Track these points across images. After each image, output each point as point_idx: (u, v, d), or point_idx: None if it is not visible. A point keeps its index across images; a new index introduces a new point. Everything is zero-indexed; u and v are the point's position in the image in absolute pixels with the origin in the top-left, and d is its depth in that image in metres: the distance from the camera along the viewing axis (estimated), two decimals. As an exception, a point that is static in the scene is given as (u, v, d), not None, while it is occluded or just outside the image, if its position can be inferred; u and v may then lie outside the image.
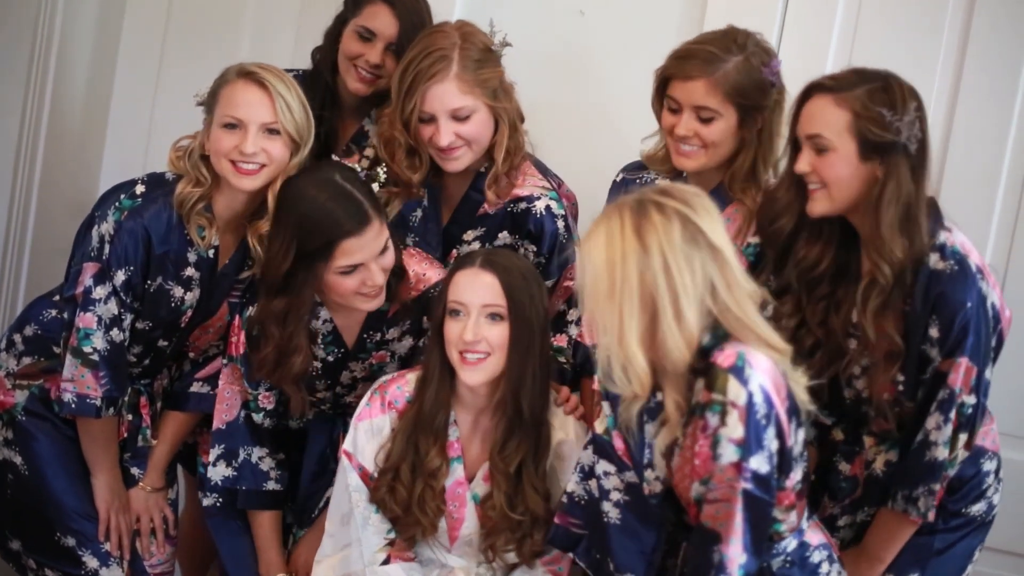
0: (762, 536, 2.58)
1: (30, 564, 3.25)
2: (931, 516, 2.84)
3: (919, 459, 2.83)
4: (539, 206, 3.19)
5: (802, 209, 2.90)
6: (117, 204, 3.10)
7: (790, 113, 2.90)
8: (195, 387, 3.28)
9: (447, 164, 3.18)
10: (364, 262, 3.00)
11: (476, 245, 3.24)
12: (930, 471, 2.82)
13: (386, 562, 3.04)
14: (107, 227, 3.09)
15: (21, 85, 3.78)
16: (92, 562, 3.22)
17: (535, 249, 3.21)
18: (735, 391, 2.52)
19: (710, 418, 2.54)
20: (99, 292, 3.10)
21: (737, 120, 3.04)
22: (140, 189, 3.12)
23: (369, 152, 3.39)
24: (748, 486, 2.53)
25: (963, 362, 2.78)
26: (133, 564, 3.28)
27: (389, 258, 3.05)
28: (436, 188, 3.27)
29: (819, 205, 2.84)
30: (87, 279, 3.10)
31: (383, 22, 3.32)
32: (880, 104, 2.76)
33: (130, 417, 3.27)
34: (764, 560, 2.64)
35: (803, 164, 2.83)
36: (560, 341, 3.22)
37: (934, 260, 2.79)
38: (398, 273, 3.12)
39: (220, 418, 3.20)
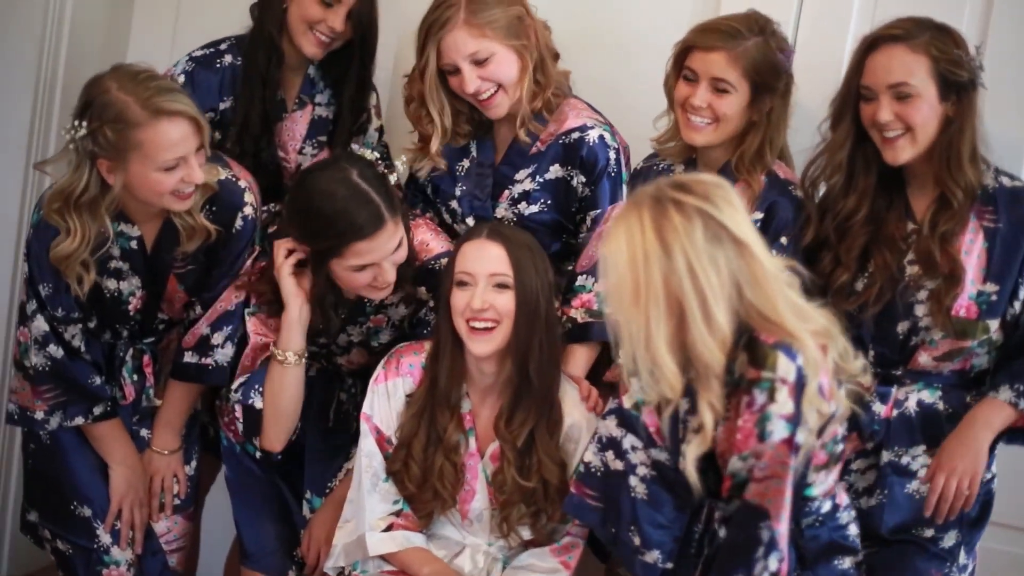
0: (792, 503, 2.59)
1: (46, 535, 3.23)
2: None
3: None
4: (592, 135, 3.23)
5: (852, 166, 3.03)
6: (32, 220, 3.05)
7: (848, 66, 3.03)
8: (187, 357, 3.21)
9: (488, 112, 3.24)
10: (376, 262, 3.02)
11: (528, 183, 3.26)
12: None
13: (388, 529, 3.05)
14: (25, 244, 3.06)
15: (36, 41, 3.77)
16: (105, 538, 3.20)
17: (584, 180, 3.23)
18: (784, 367, 2.52)
19: (758, 395, 2.53)
20: (30, 307, 3.07)
21: (749, 97, 3.13)
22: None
23: (321, 99, 3.42)
24: (795, 460, 2.54)
25: None
26: (147, 540, 3.25)
27: (402, 253, 3.06)
28: (486, 138, 3.31)
29: (904, 152, 2.98)
30: (22, 293, 3.09)
31: None
32: (952, 46, 2.92)
33: (135, 378, 3.23)
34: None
35: (886, 113, 2.95)
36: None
37: (1006, 181, 3.00)
38: (410, 261, 3.12)
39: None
